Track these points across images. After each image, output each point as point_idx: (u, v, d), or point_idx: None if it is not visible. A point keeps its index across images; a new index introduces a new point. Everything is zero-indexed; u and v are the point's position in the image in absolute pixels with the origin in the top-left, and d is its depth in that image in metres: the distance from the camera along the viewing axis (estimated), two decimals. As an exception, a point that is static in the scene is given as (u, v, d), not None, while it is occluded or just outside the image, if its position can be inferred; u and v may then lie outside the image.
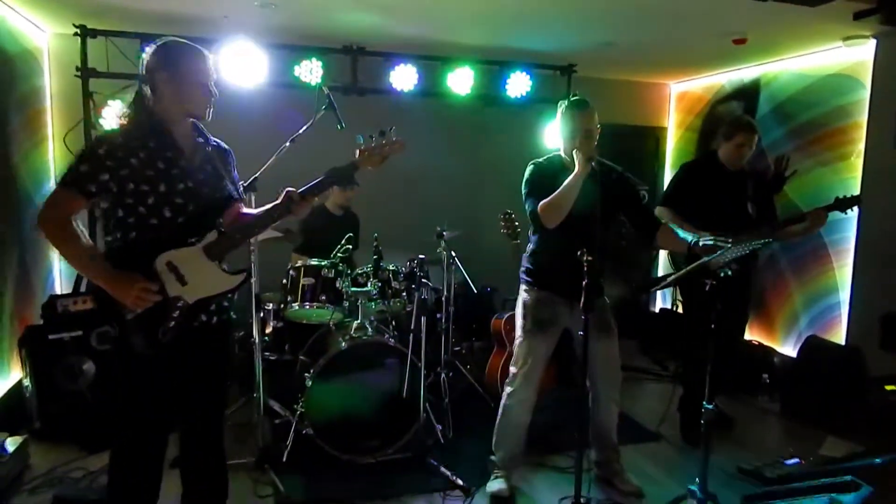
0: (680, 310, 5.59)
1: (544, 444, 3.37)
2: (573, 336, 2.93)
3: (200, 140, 2.11)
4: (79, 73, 4.11)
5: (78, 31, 4.04)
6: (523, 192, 2.85)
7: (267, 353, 3.76)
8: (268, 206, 2.17)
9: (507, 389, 2.94)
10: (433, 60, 4.58)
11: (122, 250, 1.94)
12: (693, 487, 2.52)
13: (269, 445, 3.22)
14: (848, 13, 3.40)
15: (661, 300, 6.20)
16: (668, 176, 6.06)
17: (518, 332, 2.93)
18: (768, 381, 4.47)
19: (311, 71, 4.35)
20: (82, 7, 3.84)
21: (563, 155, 2.88)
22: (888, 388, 3.35)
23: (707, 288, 2.42)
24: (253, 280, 3.14)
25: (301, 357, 3.56)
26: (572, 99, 2.82)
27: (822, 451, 3.55)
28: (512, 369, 2.92)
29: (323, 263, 3.41)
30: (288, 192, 2.13)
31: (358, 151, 2.15)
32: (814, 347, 4.17)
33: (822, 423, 3.80)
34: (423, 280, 3.18)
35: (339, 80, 4.42)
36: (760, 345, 4.71)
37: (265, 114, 4.42)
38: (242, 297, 2.43)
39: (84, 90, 4.14)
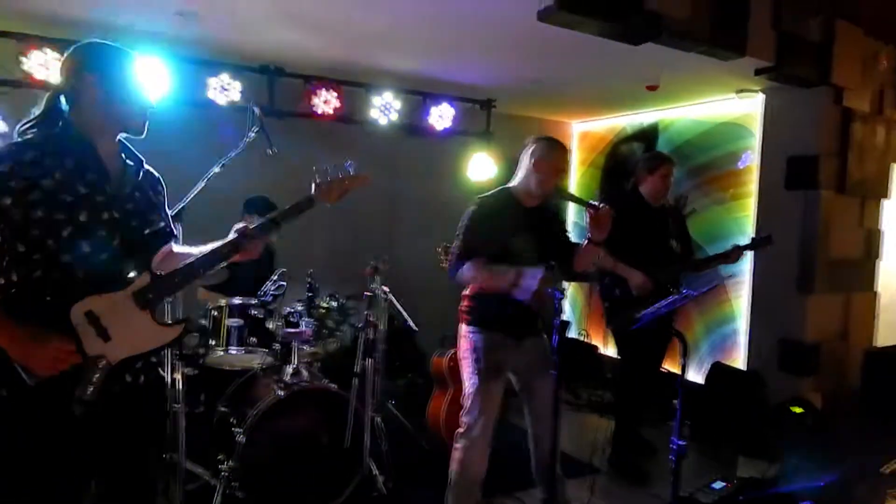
0: (588, 340, 5.81)
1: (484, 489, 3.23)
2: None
3: (131, 162, 1.78)
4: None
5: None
6: (459, 231, 2.62)
7: (176, 405, 3.27)
8: (215, 245, 1.87)
9: (463, 443, 2.65)
10: (356, 87, 4.41)
11: (21, 295, 1.54)
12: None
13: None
14: (750, 68, 3.77)
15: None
16: (571, 209, 6.30)
17: (470, 378, 2.69)
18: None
19: (223, 89, 3.99)
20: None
21: (513, 187, 2.73)
22: (794, 409, 3.64)
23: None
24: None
25: (221, 408, 3.14)
26: (554, 138, 2.71)
27: (740, 473, 3.78)
28: (466, 419, 2.65)
29: (252, 302, 3.06)
30: (242, 229, 1.86)
31: (314, 185, 1.93)
32: (719, 373, 4.48)
33: (730, 445, 4.02)
34: (371, 319, 2.95)
35: (256, 101, 4.07)
36: (669, 372, 4.96)
37: (173, 135, 3.96)
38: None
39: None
